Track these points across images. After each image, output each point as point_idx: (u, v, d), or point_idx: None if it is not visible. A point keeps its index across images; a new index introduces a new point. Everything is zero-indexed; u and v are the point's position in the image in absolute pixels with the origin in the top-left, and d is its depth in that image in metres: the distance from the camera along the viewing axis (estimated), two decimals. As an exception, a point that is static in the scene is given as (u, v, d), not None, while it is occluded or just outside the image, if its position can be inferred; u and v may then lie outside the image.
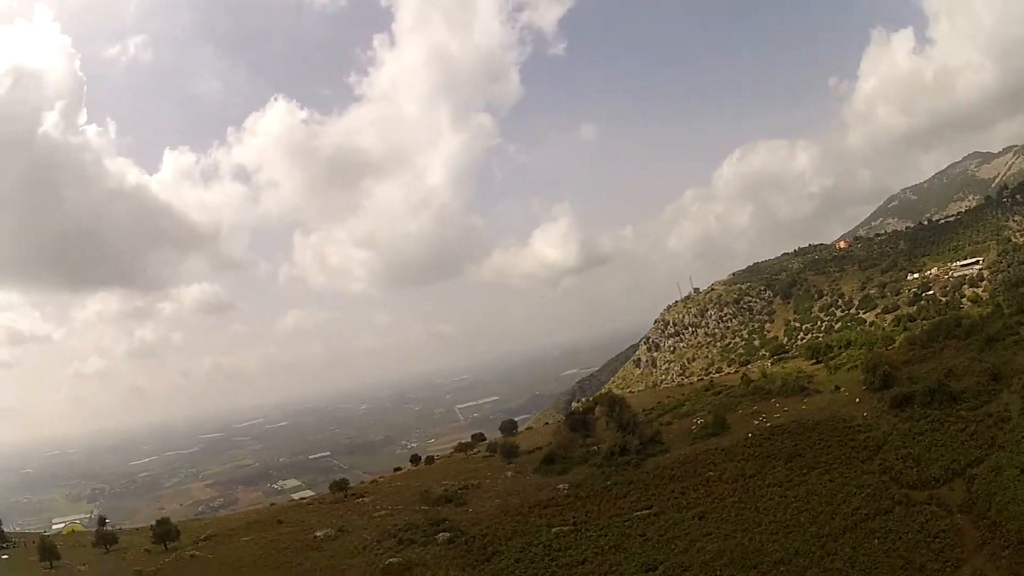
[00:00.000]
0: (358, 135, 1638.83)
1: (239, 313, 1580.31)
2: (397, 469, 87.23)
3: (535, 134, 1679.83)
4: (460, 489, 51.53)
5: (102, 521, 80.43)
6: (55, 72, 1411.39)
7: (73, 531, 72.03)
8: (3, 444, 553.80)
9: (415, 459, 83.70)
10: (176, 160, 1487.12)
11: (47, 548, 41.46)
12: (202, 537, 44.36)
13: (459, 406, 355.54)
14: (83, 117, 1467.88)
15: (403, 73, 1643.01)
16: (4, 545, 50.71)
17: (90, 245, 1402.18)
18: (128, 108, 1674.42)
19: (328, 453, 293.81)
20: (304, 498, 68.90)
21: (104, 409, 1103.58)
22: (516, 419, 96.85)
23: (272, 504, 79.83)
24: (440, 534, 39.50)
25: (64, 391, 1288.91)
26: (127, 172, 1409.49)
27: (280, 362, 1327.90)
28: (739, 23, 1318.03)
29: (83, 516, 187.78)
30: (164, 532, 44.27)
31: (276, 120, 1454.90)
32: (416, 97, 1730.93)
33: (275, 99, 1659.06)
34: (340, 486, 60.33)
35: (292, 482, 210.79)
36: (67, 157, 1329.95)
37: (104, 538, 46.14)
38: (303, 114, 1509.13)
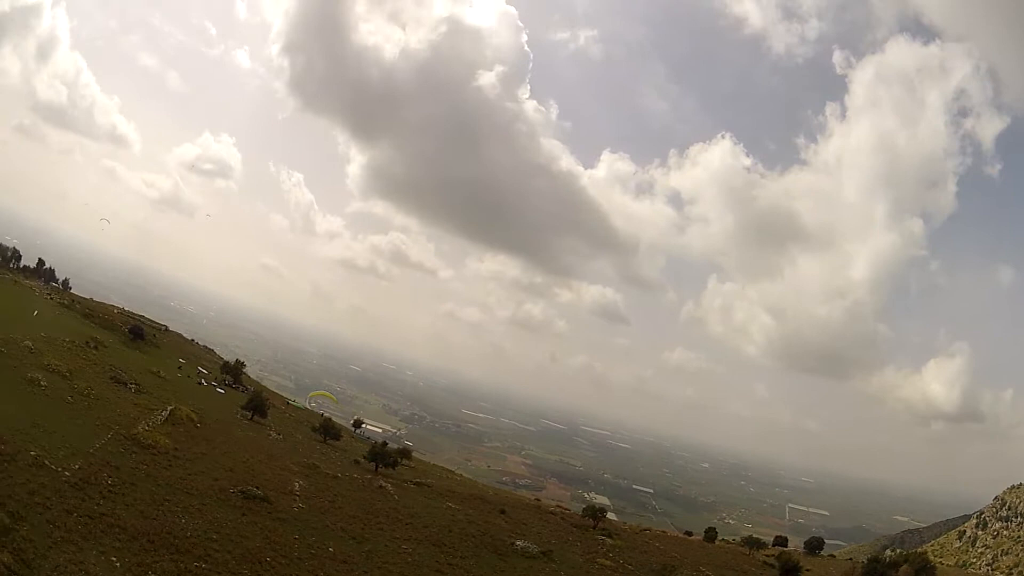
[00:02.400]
0: (795, 199, 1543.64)
1: (629, 329, 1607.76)
2: (688, 533, 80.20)
3: (958, 257, 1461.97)
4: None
5: (357, 424, 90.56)
6: (497, 37, 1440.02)
7: (323, 397, 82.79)
8: (349, 339, 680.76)
9: (688, 533, 76.24)
10: (614, 163, 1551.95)
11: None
12: (415, 480, 42.78)
13: (790, 505, 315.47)
14: (525, 92, 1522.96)
15: (849, 151, 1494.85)
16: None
17: (506, 209, 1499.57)
18: (571, 97, 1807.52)
19: (651, 491, 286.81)
20: (566, 509, 63.20)
21: (458, 355, 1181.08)
22: (827, 541, 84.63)
23: (558, 504, 76.27)
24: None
25: (429, 323, 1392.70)
26: (560, 156, 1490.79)
27: (647, 389, 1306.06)
28: None
29: (384, 427, 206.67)
30: (382, 454, 44.20)
31: (720, 158, 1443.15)
32: (857, 181, 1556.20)
33: (722, 136, 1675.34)
34: (595, 514, 52.80)
35: (603, 500, 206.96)
36: (500, 119, 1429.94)
37: (327, 429, 49.24)
38: (747, 161, 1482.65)
